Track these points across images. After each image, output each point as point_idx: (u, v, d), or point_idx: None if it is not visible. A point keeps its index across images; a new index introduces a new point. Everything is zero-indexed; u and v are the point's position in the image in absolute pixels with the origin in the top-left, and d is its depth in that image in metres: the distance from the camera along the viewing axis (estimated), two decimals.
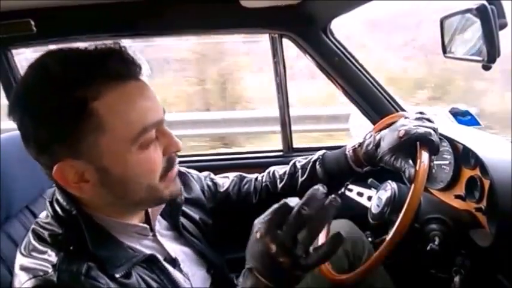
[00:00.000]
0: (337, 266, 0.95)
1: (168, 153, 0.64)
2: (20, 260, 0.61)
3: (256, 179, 0.97)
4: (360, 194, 0.97)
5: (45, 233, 0.62)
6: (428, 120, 0.81)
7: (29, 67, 0.59)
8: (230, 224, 0.89)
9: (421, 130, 0.78)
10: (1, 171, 0.81)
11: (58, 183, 0.62)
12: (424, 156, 0.76)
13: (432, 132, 0.78)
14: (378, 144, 0.84)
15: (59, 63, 0.57)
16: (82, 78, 0.56)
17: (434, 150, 0.78)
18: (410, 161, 0.79)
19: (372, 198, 0.94)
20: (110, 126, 0.57)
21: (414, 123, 0.80)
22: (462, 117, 1.22)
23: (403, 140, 0.78)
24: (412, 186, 0.75)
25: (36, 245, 0.61)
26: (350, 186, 0.98)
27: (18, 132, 0.61)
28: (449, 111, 1.25)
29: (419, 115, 0.82)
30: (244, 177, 0.97)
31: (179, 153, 0.68)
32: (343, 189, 0.97)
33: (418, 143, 0.78)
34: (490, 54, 0.76)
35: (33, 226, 0.65)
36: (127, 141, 0.58)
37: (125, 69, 0.59)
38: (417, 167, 0.76)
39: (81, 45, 0.60)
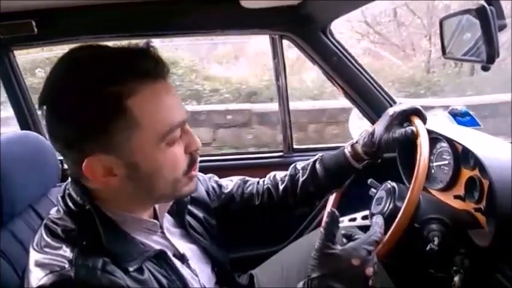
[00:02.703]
0: None
1: (189, 151, 0.67)
2: (34, 255, 0.61)
3: (258, 182, 0.99)
4: (353, 220, 0.97)
5: (58, 229, 0.63)
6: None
7: (60, 61, 0.61)
8: (233, 225, 0.90)
9: (408, 105, 0.90)
10: (4, 171, 0.82)
11: (79, 176, 0.64)
12: (418, 122, 0.85)
13: (418, 106, 0.89)
14: (372, 133, 0.88)
15: (93, 59, 0.59)
16: (117, 75, 0.58)
17: (424, 118, 0.88)
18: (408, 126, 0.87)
19: (372, 199, 0.94)
20: (142, 123, 0.59)
21: (399, 104, 0.92)
22: (461, 117, 1.22)
23: (394, 116, 0.88)
24: (418, 149, 0.79)
25: (49, 240, 0.62)
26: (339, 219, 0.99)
27: (20, 132, 0.61)
28: (449, 112, 1.25)
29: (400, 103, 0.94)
30: (248, 180, 0.99)
31: None
32: None
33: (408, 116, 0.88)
34: (489, 55, 0.77)
35: (45, 221, 0.66)
36: (157, 138, 0.61)
37: (155, 68, 0.61)
38: (415, 130, 0.83)
39: (110, 43, 0.62)
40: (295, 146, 1.57)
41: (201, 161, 0.72)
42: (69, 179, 0.68)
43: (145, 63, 0.60)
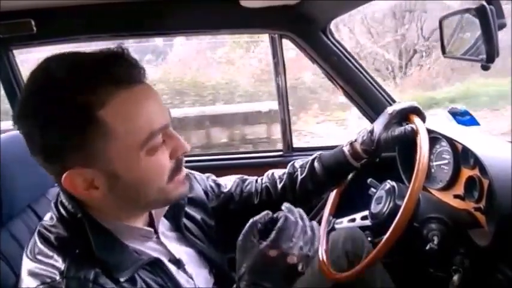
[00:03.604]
0: (337, 266, 0.95)
1: (175, 156, 0.64)
2: (27, 264, 0.61)
3: (256, 180, 0.98)
4: (352, 220, 0.97)
5: (51, 236, 0.62)
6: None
7: (32, 73, 0.59)
8: (232, 224, 0.90)
9: (407, 104, 0.89)
10: (3, 171, 0.82)
11: (63, 189, 0.62)
12: (417, 120, 0.84)
13: (417, 104, 0.88)
14: (371, 131, 0.88)
15: (62, 69, 0.56)
16: (86, 85, 0.55)
17: (423, 116, 0.87)
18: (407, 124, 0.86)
19: (372, 198, 0.94)
20: (118, 132, 0.57)
21: (398, 103, 0.91)
22: (461, 117, 1.22)
23: (393, 115, 0.87)
24: (418, 148, 0.78)
25: (43, 248, 0.61)
26: (338, 220, 1.00)
27: (18, 131, 0.61)
28: (448, 111, 1.25)
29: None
30: (246, 179, 0.99)
31: None
32: (331, 226, 0.99)
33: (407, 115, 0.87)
34: (489, 55, 0.77)
35: (38, 228, 0.65)
36: (135, 146, 0.58)
37: (128, 73, 0.58)
38: (415, 128, 0.82)
39: (84, 49, 0.61)
40: (294, 145, 1.57)
41: (199, 161, 0.71)
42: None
43: (117, 68, 0.57)
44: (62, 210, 0.64)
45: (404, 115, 0.87)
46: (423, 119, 0.87)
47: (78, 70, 0.56)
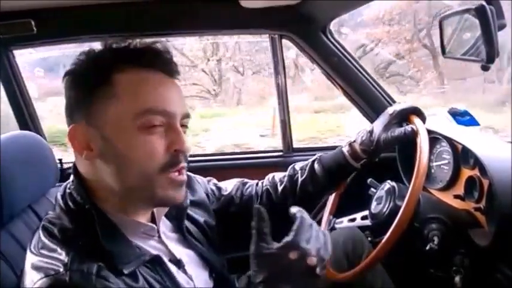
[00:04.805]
0: (337, 266, 0.95)
1: (170, 149, 0.65)
2: (31, 258, 0.61)
3: (257, 184, 0.99)
4: (352, 220, 0.97)
5: (55, 229, 0.63)
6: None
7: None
8: (232, 226, 0.90)
9: (407, 104, 0.89)
10: (3, 171, 0.82)
11: (75, 171, 0.68)
12: (417, 121, 0.84)
13: (417, 106, 0.88)
14: (371, 131, 0.88)
15: (107, 46, 0.66)
16: (120, 56, 0.64)
17: (423, 117, 0.87)
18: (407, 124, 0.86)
19: (372, 198, 0.94)
20: (121, 97, 0.62)
21: (398, 104, 0.90)
22: (461, 117, 1.22)
23: (394, 115, 0.87)
24: (418, 150, 0.78)
25: (46, 241, 0.62)
26: (338, 220, 1.00)
27: (19, 132, 0.61)
28: (448, 111, 1.25)
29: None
30: (247, 182, 0.99)
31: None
32: (331, 225, 0.99)
33: (408, 115, 0.87)
34: (489, 55, 0.77)
35: (42, 223, 0.66)
36: (130, 116, 0.61)
37: (156, 62, 0.65)
38: (415, 128, 0.81)
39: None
40: (294, 146, 1.57)
41: (200, 161, 0.71)
42: (71, 178, 0.68)
43: (150, 56, 0.65)
44: (69, 202, 0.65)
45: (405, 116, 0.87)
46: (423, 119, 0.87)
47: (118, 46, 0.65)
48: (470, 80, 4.35)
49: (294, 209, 0.70)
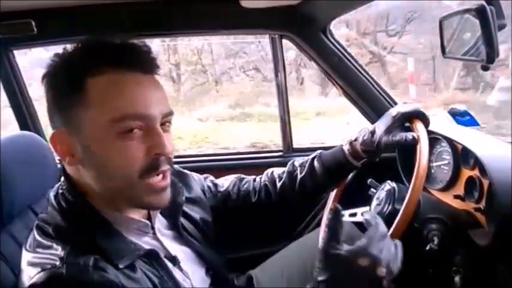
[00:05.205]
0: None
1: (151, 153, 0.62)
2: (26, 256, 0.61)
3: (255, 179, 0.98)
4: (353, 215, 0.97)
5: (49, 228, 0.63)
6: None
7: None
8: (230, 224, 0.90)
9: (411, 107, 0.86)
10: (3, 172, 0.82)
11: (64, 171, 0.67)
12: (420, 126, 0.82)
13: (421, 108, 0.85)
14: (373, 132, 0.87)
15: (82, 46, 0.64)
16: (89, 58, 0.61)
17: (426, 122, 0.85)
18: (409, 131, 0.84)
19: (372, 199, 0.94)
20: (95, 103, 0.60)
21: (403, 105, 0.88)
22: (461, 117, 1.22)
23: (396, 118, 0.84)
24: (417, 156, 0.77)
25: (41, 240, 0.62)
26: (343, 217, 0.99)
27: (18, 133, 0.61)
28: (448, 112, 1.25)
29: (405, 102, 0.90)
30: (244, 177, 0.98)
31: (177, 154, 0.68)
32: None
33: (411, 118, 0.85)
34: (489, 55, 0.77)
35: (36, 222, 0.66)
36: (107, 122, 0.60)
37: (132, 60, 0.62)
38: (416, 136, 0.80)
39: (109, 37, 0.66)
40: (294, 146, 1.57)
41: (199, 161, 0.71)
42: (62, 178, 0.68)
43: (121, 53, 0.62)
44: (61, 201, 0.65)
45: (408, 119, 0.85)
46: (427, 124, 0.85)
47: (90, 46, 0.63)
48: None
49: (368, 215, 0.67)
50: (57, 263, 0.57)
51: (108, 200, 0.66)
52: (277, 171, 0.98)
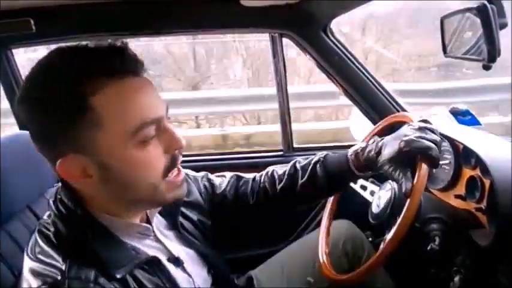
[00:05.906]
0: (337, 266, 0.95)
1: (170, 151, 0.64)
2: (28, 263, 0.61)
3: (254, 179, 0.95)
4: (364, 188, 0.97)
5: (50, 234, 0.62)
6: (432, 131, 0.79)
7: (37, 63, 0.61)
8: (229, 224, 0.89)
9: (422, 144, 0.76)
10: (2, 171, 0.81)
11: (62, 179, 0.63)
12: (423, 170, 0.76)
13: (433, 146, 0.76)
14: (379, 152, 0.82)
15: (64, 59, 0.59)
16: (81, 74, 0.57)
17: (434, 164, 0.77)
18: (409, 174, 0.77)
19: (374, 196, 0.94)
20: (106, 121, 0.58)
21: (416, 135, 0.77)
22: (462, 116, 1.22)
23: (403, 151, 0.77)
24: (408, 200, 0.75)
25: (43, 246, 0.61)
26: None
27: (18, 132, 0.61)
28: (450, 111, 1.25)
29: (422, 124, 0.80)
30: (242, 177, 0.96)
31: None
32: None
33: (418, 156, 0.77)
34: (490, 54, 0.76)
35: (38, 227, 0.65)
36: (124, 137, 0.59)
37: (124, 65, 0.60)
38: (415, 181, 0.75)
39: (88, 43, 0.62)
40: (295, 145, 1.56)
41: (199, 160, 0.71)
42: (59, 184, 0.67)
43: (112, 60, 0.59)
44: (60, 207, 0.64)
45: (414, 157, 0.77)
46: (433, 165, 0.77)
47: (76, 60, 0.59)
48: None
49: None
50: (59, 277, 0.57)
51: (107, 207, 0.65)
52: (277, 171, 0.95)
